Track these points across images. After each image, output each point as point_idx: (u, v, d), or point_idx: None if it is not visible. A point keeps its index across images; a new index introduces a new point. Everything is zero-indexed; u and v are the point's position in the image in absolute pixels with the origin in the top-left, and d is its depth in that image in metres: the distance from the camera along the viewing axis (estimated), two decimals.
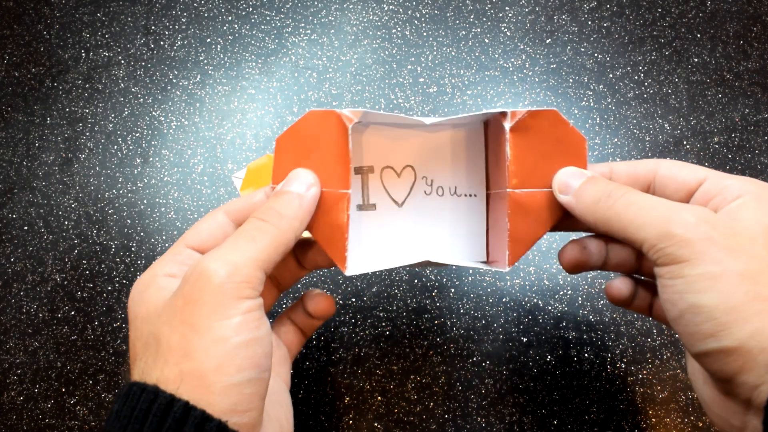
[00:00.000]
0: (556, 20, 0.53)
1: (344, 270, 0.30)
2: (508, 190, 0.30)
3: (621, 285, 0.32)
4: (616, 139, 0.50)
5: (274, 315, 0.45)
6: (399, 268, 0.44)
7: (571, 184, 0.28)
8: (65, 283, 0.48)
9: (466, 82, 0.52)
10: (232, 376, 0.23)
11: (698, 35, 0.53)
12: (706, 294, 0.22)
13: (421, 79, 0.52)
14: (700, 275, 0.22)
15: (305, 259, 0.33)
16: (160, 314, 0.25)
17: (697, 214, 0.24)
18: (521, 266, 0.47)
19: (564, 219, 0.30)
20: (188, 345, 0.23)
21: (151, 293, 0.27)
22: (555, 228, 0.31)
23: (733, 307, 0.22)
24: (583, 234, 0.33)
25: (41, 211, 0.50)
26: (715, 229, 0.23)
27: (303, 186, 0.29)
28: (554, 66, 0.52)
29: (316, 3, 0.54)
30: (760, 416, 0.22)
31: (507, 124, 0.29)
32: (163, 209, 0.49)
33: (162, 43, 0.54)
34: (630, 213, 0.25)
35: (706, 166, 0.49)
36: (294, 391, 0.44)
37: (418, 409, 0.44)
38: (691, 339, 0.23)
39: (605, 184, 0.27)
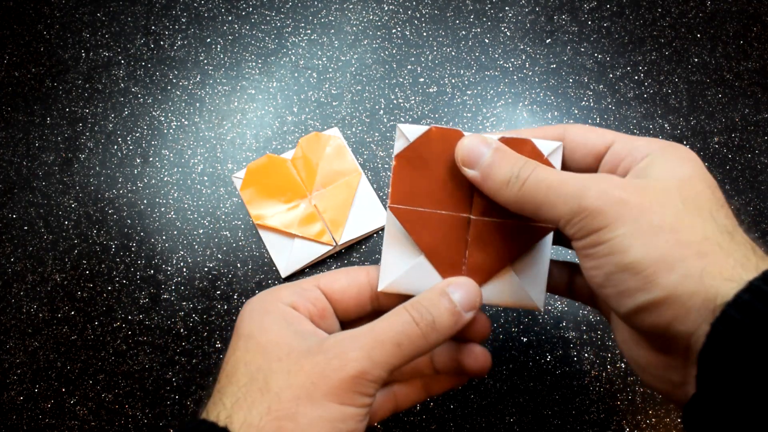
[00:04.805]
0: (556, 20, 0.53)
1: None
2: (472, 216, 0.29)
3: None
4: None
5: None
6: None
7: (477, 156, 0.27)
8: (65, 283, 0.48)
9: (466, 82, 0.52)
10: None
11: (698, 35, 0.53)
12: (628, 252, 0.22)
13: (421, 79, 0.52)
14: (620, 236, 0.22)
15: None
16: (280, 359, 0.25)
17: (606, 182, 0.24)
18: None
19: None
20: (298, 409, 0.24)
21: (274, 322, 0.27)
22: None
23: (657, 258, 0.22)
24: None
25: (41, 211, 0.50)
26: (626, 191, 0.23)
27: (467, 304, 0.28)
28: (554, 66, 0.52)
29: (316, 3, 0.54)
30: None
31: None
32: (163, 209, 0.49)
33: (162, 43, 0.54)
34: (540, 193, 0.25)
35: (706, 166, 0.50)
36: None
37: (418, 408, 0.44)
38: (620, 298, 0.23)
39: (513, 161, 0.26)
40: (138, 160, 0.51)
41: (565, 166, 0.29)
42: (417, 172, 0.29)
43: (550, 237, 0.29)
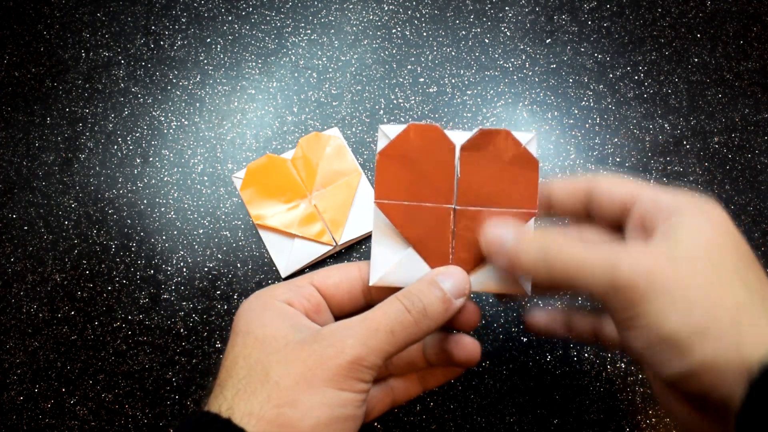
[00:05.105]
0: (556, 20, 0.53)
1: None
2: (456, 207, 0.30)
3: (541, 315, 0.34)
4: (616, 139, 0.50)
5: None
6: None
7: (500, 243, 0.28)
8: (65, 283, 0.48)
9: (466, 82, 0.52)
10: None
11: (698, 35, 0.53)
12: (664, 324, 0.23)
13: (421, 79, 0.52)
14: (655, 309, 0.23)
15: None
16: (278, 350, 0.26)
17: (634, 252, 0.24)
18: None
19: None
20: (297, 395, 0.25)
21: (271, 318, 0.28)
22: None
23: (692, 329, 0.22)
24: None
25: (41, 211, 0.50)
26: (656, 261, 0.24)
27: (456, 292, 0.29)
28: (554, 66, 0.52)
29: (316, 3, 0.54)
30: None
31: (458, 142, 0.30)
32: (163, 209, 0.49)
33: (162, 43, 0.54)
34: (570, 270, 0.26)
35: (706, 166, 0.50)
36: None
37: (418, 408, 0.44)
38: (660, 366, 0.24)
39: (538, 244, 0.27)
40: (138, 160, 0.51)
41: (595, 217, 0.30)
42: (399, 168, 0.30)
43: (532, 222, 0.31)
